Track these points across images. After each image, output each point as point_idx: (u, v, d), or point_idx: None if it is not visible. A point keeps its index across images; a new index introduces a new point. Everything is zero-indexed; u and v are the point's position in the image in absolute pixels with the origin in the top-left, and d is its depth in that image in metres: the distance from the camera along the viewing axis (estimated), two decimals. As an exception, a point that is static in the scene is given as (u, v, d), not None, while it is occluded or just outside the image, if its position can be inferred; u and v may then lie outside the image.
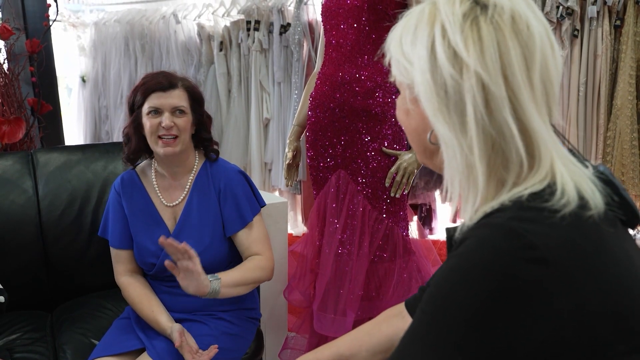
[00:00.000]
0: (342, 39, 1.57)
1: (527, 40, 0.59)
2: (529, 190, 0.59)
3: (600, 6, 2.66)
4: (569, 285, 0.53)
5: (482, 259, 0.55)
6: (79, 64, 3.99)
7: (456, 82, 0.59)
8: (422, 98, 0.62)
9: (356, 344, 0.94)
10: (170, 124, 1.34)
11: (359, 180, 1.59)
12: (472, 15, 0.60)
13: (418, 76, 0.62)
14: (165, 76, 1.38)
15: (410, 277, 1.62)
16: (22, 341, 1.50)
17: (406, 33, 0.65)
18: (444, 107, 0.60)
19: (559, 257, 0.53)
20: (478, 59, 0.59)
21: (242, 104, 3.33)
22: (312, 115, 1.65)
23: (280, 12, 3.12)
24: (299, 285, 1.73)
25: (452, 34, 0.60)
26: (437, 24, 0.61)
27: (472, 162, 0.60)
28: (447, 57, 0.60)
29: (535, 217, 0.56)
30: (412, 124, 0.70)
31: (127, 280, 1.46)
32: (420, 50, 0.62)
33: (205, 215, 1.42)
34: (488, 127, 0.59)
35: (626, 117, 2.64)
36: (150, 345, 1.33)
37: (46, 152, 1.77)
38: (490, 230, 0.56)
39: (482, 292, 0.54)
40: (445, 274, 0.59)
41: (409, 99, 0.67)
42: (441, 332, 0.57)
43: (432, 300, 0.59)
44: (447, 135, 0.61)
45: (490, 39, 0.59)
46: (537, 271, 0.53)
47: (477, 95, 0.58)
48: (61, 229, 1.68)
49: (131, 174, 1.49)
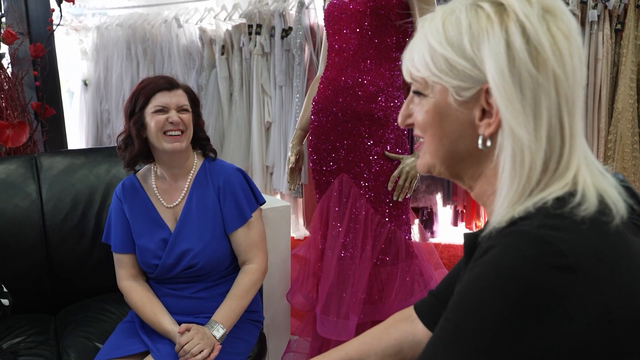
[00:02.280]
0: (345, 43, 1.58)
1: (579, 50, 0.62)
2: (552, 195, 0.59)
3: (601, 10, 2.67)
4: (596, 293, 0.54)
5: (510, 266, 0.55)
6: (81, 67, 4.00)
7: (535, 81, 0.59)
8: (500, 99, 0.60)
9: (365, 348, 0.93)
10: (178, 119, 1.38)
11: (361, 184, 1.60)
12: (548, 17, 0.61)
13: (495, 76, 0.60)
14: (166, 78, 1.42)
15: (413, 281, 1.62)
16: (26, 344, 1.50)
17: (458, 32, 0.63)
18: (519, 105, 0.60)
19: (586, 265, 0.54)
20: (556, 58, 0.60)
21: (244, 108, 3.34)
22: (315, 120, 1.66)
23: (281, 16, 3.13)
24: (301, 289, 1.73)
25: (533, 32, 0.60)
26: (513, 22, 0.61)
27: (535, 164, 0.60)
28: (529, 54, 0.59)
29: (562, 224, 0.56)
30: (446, 129, 0.67)
31: (130, 285, 1.46)
32: (496, 48, 0.60)
33: (205, 214, 1.44)
34: (554, 129, 0.59)
35: (627, 121, 2.64)
36: (155, 348, 1.33)
37: (50, 156, 1.78)
38: (518, 238, 0.56)
39: (510, 300, 0.54)
40: (472, 282, 0.58)
41: (453, 101, 0.64)
42: (468, 340, 0.57)
43: (459, 308, 0.59)
44: (525, 138, 0.59)
45: (563, 41, 0.60)
46: (565, 279, 0.53)
47: (552, 94, 0.59)
48: (65, 233, 1.69)
49: (132, 179, 1.51)
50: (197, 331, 1.31)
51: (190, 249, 1.41)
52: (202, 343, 1.29)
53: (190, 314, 1.43)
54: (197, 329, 1.32)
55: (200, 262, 1.41)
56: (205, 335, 1.31)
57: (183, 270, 1.42)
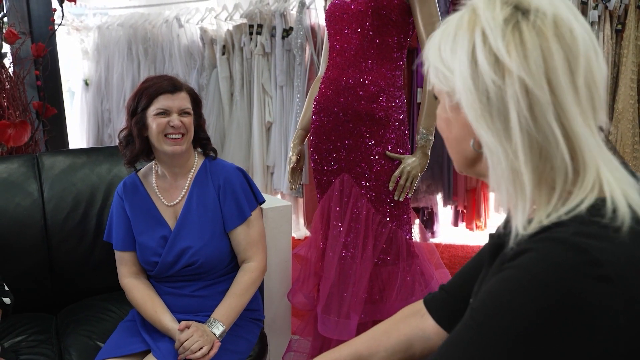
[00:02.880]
0: (346, 43, 1.58)
1: (571, 44, 0.59)
2: (585, 204, 0.58)
3: (602, 10, 2.68)
4: (631, 303, 0.53)
5: (544, 272, 0.54)
6: (82, 67, 4.00)
7: (499, 88, 0.59)
8: (464, 105, 0.62)
9: (374, 343, 0.93)
10: (179, 124, 1.38)
11: (362, 184, 1.60)
12: (514, 21, 0.60)
13: (459, 83, 0.62)
14: (170, 79, 1.42)
15: (414, 280, 1.62)
16: (27, 343, 1.50)
17: (445, 40, 0.64)
18: (486, 113, 0.60)
19: (622, 274, 0.53)
20: (521, 64, 0.58)
21: (245, 108, 3.34)
22: (316, 119, 1.67)
23: (282, 16, 3.14)
24: (302, 288, 1.74)
25: (493, 40, 0.59)
26: (478, 30, 0.61)
27: (518, 167, 0.59)
28: (488, 62, 0.59)
29: (598, 232, 0.56)
30: (452, 133, 0.69)
31: (131, 282, 1.47)
32: (460, 57, 0.61)
33: (205, 212, 1.45)
34: (533, 132, 0.58)
35: (628, 121, 2.65)
36: (156, 346, 1.33)
37: (51, 155, 1.78)
38: (554, 245, 0.55)
39: (540, 305, 0.53)
40: (501, 284, 0.58)
41: (448, 107, 0.67)
42: (490, 342, 0.56)
43: (485, 307, 0.58)
44: (491, 142, 0.60)
45: (533, 43, 0.58)
46: (601, 288, 0.52)
47: (521, 101, 0.58)
48: (66, 232, 1.69)
49: (133, 178, 1.52)
50: (197, 329, 1.32)
51: (190, 246, 1.42)
52: (201, 340, 1.29)
53: (191, 312, 1.43)
54: (196, 327, 1.32)
55: (200, 260, 1.42)
56: (205, 333, 1.32)
57: (183, 268, 1.43)
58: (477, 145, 0.65)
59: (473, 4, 0.64)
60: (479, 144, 0.64)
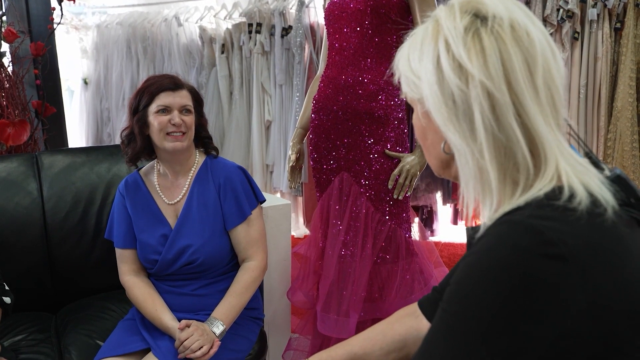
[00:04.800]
0: (345, 42, 1.58)
1: (528, 46, 0.62)
2: (543, 190, 0.61)
3: (601, 9, 2.68)
4: (587, 282, 0.55)
5: (502, 255, 0.56)
6: (81, 66, 4.00)
7: (463, 92, 0.62)
8: (432, 110, 0.65)
9: (369, 343, 0.95)
10: (180, 121, 1.39)
11: (362, 183, 1.60)
12: (473, 28, 0.63)
13: (426, 89, 0.65)
14: (171, 78, 1.43)
15: (413, 279, 1.63)
16: (27, 342, 1.50)
17: (413, 50, 0.68)
18: (453, 116, 0.63)
19: (577, 254, 0.55)
20: (482, 69, 0.61)
21: (244, 107, 3.34)
22: (316, 118, 1.67)
23: (281, 15, 3.13)
24: (302, 287, 1.74)
25: (455, 47, 0.62)
26: (441, 39, 0.64)
27: (484, 166, 0.62)
28: (452, 69, 0.62)
29: (553, 214, 0.58)
30: (428, 139, 0.72)
31: (132, 280, 1.47)
32: (427, 65, 0.65)
33: (205, 210, 1.45)
34: (496, 132, 0.61)
35: (626, 119, 2.65)
36: (155, 345, 1.34)
37: (50, 155, 1.78)
38: (509, 228, 0.58)
39: (502, 288, 0.56)
40: (465, 272, 0.60)
41: (421, 114, 0.70)
42: (464, 329, 0.58)
43: (453, 298, 0.61)
44: (458, 143, 0.64)
45: (492, 48, 0.61)
46: (556, 267, 0.54)
47: (484, 103, 0.61)
48: (66, 231, 1.69)
49: (135, 176, 1.52)
50: (197, 327, 1.32)
51: (190, 245, 1.42)
52: (201, 339, 1.29)
53: (191, 311, 1.43)
54: (196, 326, 1.32)
55: (200, 259, 1.42)
56: (205, 332, 1.32)
57: (183, 266, 1.43)
58: (447, 148, 0.68)
59: (436, 15, 0.68)
60: (449, 147, 0.67)
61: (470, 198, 0.65)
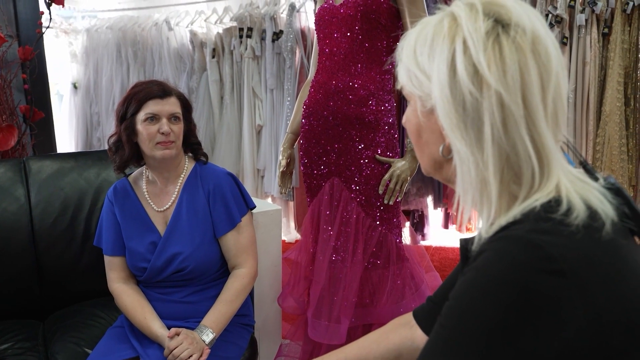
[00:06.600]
0: (336, 47, 1.58)
1: (545, 62, 0.60)
2: (539, 202, 0.60)
3: (589, 14, 2.71)
4: (586, 297, 0.55)
5: (501, 271, 0.56)
6: (71, 70, 3.98)
7: (475, 99, 0.60)
8: (440, 113, 0.62)
9: (363, 352, 0.94)
10: (168, 130, 1.37)
11: (352, 188, 1.60)
12: (495, 34, 0.60)
13: (436, 90, 0.62)
14: (159, 84, 1.41)
15: (404, 284, 1.63)
16: (13, 350, 1.48)
17: (422, 44, 0.64)
18: (461, 123, 0.61)
19: (576, 269, 0.55)
20: (499, 79, 0.59)
21: (235, 111, 3.33)
22: (306, 123, 1.67)
23: (272, 20, 3.14)
24: (293, 293, 1.73)
25: (474, 51, 0.60)
26: (459, 39, 0.61)
27: (487, 177, 0.61)
28: (467, 73, 0.60)
29: (552, 229, 0.57)
30: (422, 137, 0.69)
31: (120, 287, 1.46)
32: (439, 64, 0.62)
33: (195, 217, 1.44)
34: (503, 144, 0.60)
35: (615, 124, 2.67)
36: (144, 353, 1.32)
37: (38, 160, 1.76)
38: (508, 243, 0.57)
39: (502, 305, 0.55)
40: (464, 288, 0.59)
41: (420, 112, 0.67)
42: (462, 345, 0.57)
43: (452, 313, 0.60)
44: (463, 151, 0.61)
45: (512, 58, 0.59)
46: (556, 283, 0.54)
47: (496, 114, 0.59)
48: (54, 237, 1.67)
49: (124, 182, 1.51)
50: (187, 336, 1.31)
51: (179, 252, 1.41)
52: (191, 348, 1.28)
53: (181, 318, 1.42)
54: (186, 334, 1.31)
55: (190, 266, 1.41)
56: (195, 340, 1.31)
57: (172, 274, 1.42)
58: (447, 151, 0.66)
59: (453, 11, 0.64)
60: (448, 151, 0.65)
61: (467, 207, 0.63)
